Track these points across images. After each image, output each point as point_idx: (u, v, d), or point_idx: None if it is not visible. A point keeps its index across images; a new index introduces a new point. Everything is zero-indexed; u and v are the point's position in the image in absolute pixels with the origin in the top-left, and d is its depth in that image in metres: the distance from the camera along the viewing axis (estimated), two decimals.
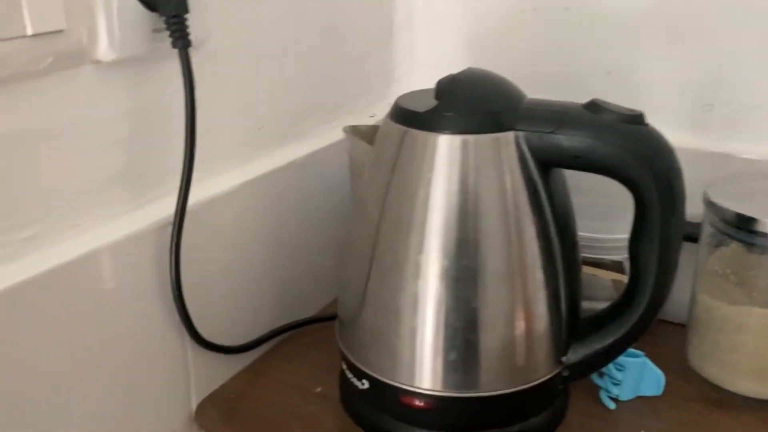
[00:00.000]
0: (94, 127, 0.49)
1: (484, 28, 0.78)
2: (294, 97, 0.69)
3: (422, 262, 0.51)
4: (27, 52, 0.43)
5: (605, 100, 0.51)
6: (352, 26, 0.76)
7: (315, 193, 0.71)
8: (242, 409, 0.60)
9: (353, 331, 0.56)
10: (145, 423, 0.56)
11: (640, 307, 0.53)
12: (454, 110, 0.51)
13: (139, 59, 0.51)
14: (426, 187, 0.51)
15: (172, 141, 0.54)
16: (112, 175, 0.51)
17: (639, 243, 0.52)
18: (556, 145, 0.50)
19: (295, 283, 0.71)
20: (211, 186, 0.60)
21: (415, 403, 0.54)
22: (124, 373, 0.53)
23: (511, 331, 0.52)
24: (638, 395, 0.61)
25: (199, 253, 0.58)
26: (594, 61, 0.73)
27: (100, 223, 0.51)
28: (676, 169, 0.50)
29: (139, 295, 0.53)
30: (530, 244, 0.52)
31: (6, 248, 0.45)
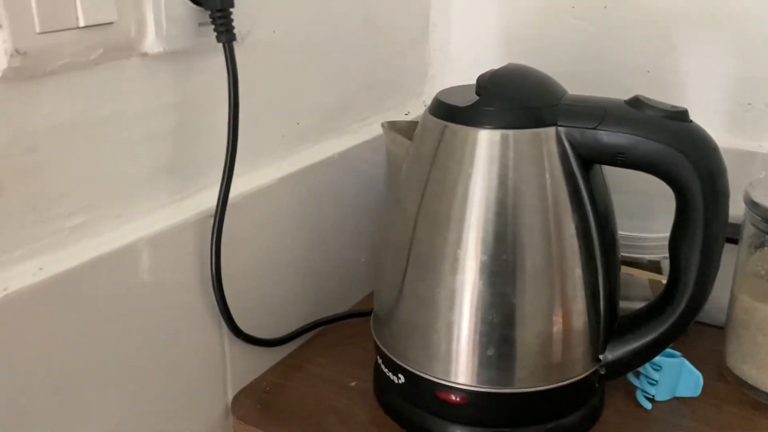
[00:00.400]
0: (140, 119, 0.50)
1: (519, 27, 0.78)
2: (331, 93, 0.69)
3: (460, 257, 0.51)
4: (79, 43, 0.44)
5: (648, 97, 0.51)
6: (390, 24, 0.76)
7: (351, 189, 0.71)
8: (277, 402, 0.61)
9: (389, 325, 0.57)
10: (182, 412, 0.57)
11: (679, 308, 0.53)
12: (495, 105, 0.51)
13: (185, 52, 0.51)
14: (465, 181, 0.51)
15: (215, 134, 0.55)
16: (156, 166, 0.52)
17: (680, 242, 0.52)
18: (597, 141, 0.50)
19: (331, 278, 0.71)
20: (251, 180, 0.60)
21: (450, 398, 0.54)
22: (163, 361, 0.54)
23: (549, 327, 0.52)
24: (675, 396, 0.61)
25: (238, 246, 0.59)
26: (632, 59, 0.73)
27: (144, 214, 0.52)
28: (720, 167, 0.50)
29: (179, 286, 0.54)
30: (570, 241, 0.52)
31: (55, 235, 0.46)
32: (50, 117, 0.44)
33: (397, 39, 0.78)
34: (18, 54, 0.40)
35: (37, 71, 0.42)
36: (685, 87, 0.71)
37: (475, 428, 0.55)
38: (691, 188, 0.49)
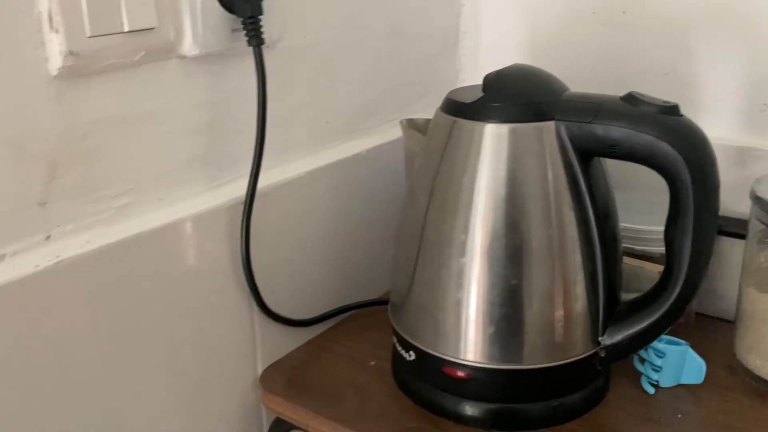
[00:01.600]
0: (178, 114, 0.56)
1: (544, 33, 0.82)
2: (361, 95, 0.75)
3: (466, 242, 0.56)
4: (123, 45, 0.50)
5: (642, 93, 0.54)
6: (420, 31, 0.81)
7: (378, 185, 0.76)
8: (302, 376, 0.66)
9: (402, 306, 0.61)
10: (215, 382, 0.63)
11: (674, 293, 0.56)
12: (499, 101, 0.56)
13: (219, 55, 0.58)
14: (472, 172, 0.56)
15: (247, 130, 0.61)
16: (193, 157, 0.59)
17: (673, 231, 0.54)
18: (593, 134, 0.54)
19: (359, 268, 0.76)
20: (281, 172, 0.66)
21: (456, 373, 0.58)
22: (198, 335, 0.60)
23: (549, 308, 0.56)
24: (680, 383, 0.63)
25: (270, 233, 0.65)
26: (651, 62, 0.75)
27: (181, 198, 0.58)
28: (710, 159, 0.52)
29: (213, 266, 0.60)
30: (569, 227, 0.55)
31: (103, 214, 0.53)
32: (99, 110, 0.51)
33: (428, 45, 0.83)
34: (71, 55, 0.47)
35: (87, 70, 0.49)
36: (702, 88, 0.73)
37: (481, 403, 0.59)
38: (682, 179, 0.52)
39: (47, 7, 0.46)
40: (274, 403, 0.64)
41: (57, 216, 0.50)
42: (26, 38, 0.46)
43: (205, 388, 0.62)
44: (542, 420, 0.59)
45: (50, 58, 0.47)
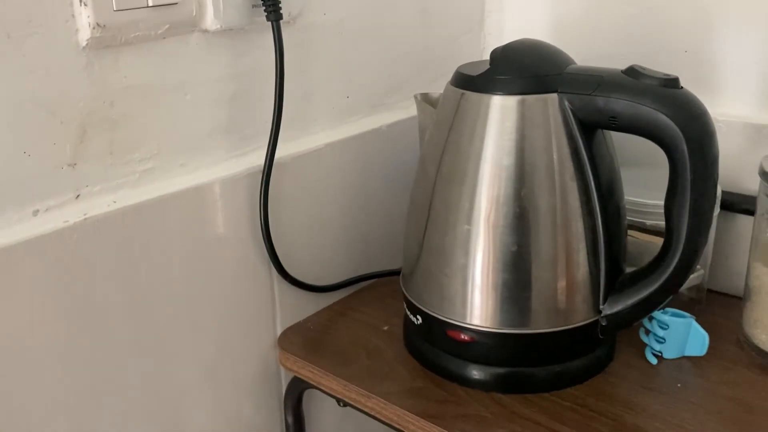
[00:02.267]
0: (201, 86, 0.60)
1: (568, 12, 0.83)
2: (384, 72, 0.77)
3: (471, 209, 0.58)
4: (148, 20, 0.54)
5: (645, 66, 0.55)
6: (446, 11, 0.83)
7: (397, 159, 0.79)
8: (318, 339, 0.70)
9: (411, 272, 0.64)
10: (236, 342, 0.67)
11: (672, 264, 0.57)
12: (504, 74, 0.57)
13: (240, 30, 0.61)
14: (478, 142, 0.58)
15: (268, 102, 0.64)
16: (215, 126, 0.62)
17: (672, 203, 0.56)
18: (594, 105, 0.55)
19: (378, 238, 0.79)
20: (301, 144, 0.69)
21: (460, 336, 0.60)
22: (220, 295, 0.64)
23: (550, 275, 0.58)
24: (684, 355, 0.64)
25: (290, 202, 0.68)
26: (671, 40, 0.76)
27: (204, 165, 0.62)
28: (708, 131, 0.53)
29: (233, 230, 0.64)
30: (570, 197, 0.57)
31: (130, 176, 0.57)
32: (126, 79, 0.55)
33: (454, 25, 0.85)
34: (99, 27, 0.51)
35: (114, 41, 0.53)
36: (721, 66, 0.73)
37: (484, 366, 0.61)
38: (680, 151, 0.53)
39: None
40: (289, 362, 0.67)
41: (86, 177, 0.54)
42: (58, 11, 0.50)
43: (228, 348, 0.66)
44: (543, 384, 0.61)
45: (80, 30, 0.51)
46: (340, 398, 0.64)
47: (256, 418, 0.71)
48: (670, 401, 0.59)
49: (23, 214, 0.51)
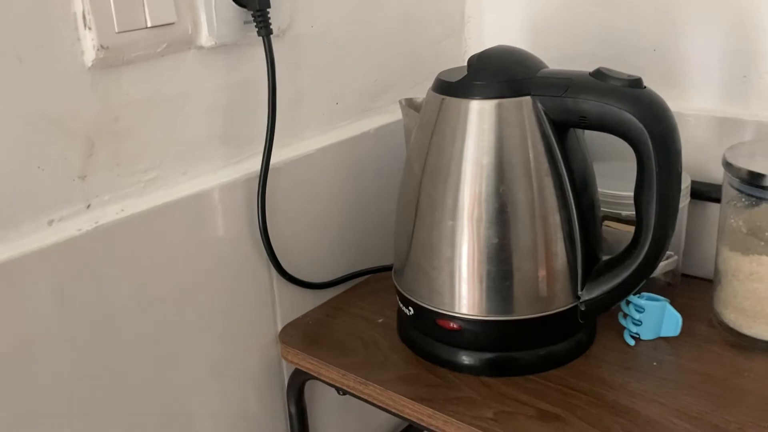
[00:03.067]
0: (199, 98, 0.64)
1: (543, 16, 0.87)
2: (370, 77, 0.82)
3: (455, 206, 0.62)
4: (148, 39, 0.58)
5: (610, 68, 0.60)
6: (428, 16, 0.88)
7: (386, 161, 0.83)
8: (317, 333, 0.74)
9: (402, 266, 0.68)
10: (240, 338, 0.71)
11: (643, 251, 0.61)
12: (481, 80, 0.62)
13: (233, 45, 0.65)
14: (459, 143, 0.62)
15: (260, 111, 0.68)
16: (212, 135, 0.66)
17: (641, 192, 0.60)
18: (564, 106, 0.59)
19: (369, 236, 0.83)
20: (294, 149, 0.74)
21: (449, 325, 0.65)
22: (223, 295, 0.68)
23: (530, 265, 0.62)
24: (660, 336, 0.69)
25: (285, 204, 0.72)
26: (640, 40, 0.80)
27: (203, 173, 0.66)
28: (671, 126, 0.58)
29: (234, 233, 0.68)
30: (546, 192, 0.61)
31: (136, 186, 0.61)
32: (128, 95, 0.59)
33: (436, 30, 0.89)
34: (102, 48, 0.55)
35: (117, 61, 0.57)
36: (687, 62, 0.78)
37: (473, 352, 0.65)
38: (646, 146, 0.58)
39: (81, 8, 0.54)
40: (290, 355, 0.72)
41: (95, 187, 0.58)
42: (64, 35, 0.54)
43: (232, 344, 0.70)
44: (529, 367, 0.65)
45: (85, 51, 0.55)
46: (339, 387, 0.69)
47: (260, 410, 0.75)
48: (647, 379, 0.63)
49: (39, 224, 0.55)
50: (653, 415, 0.59)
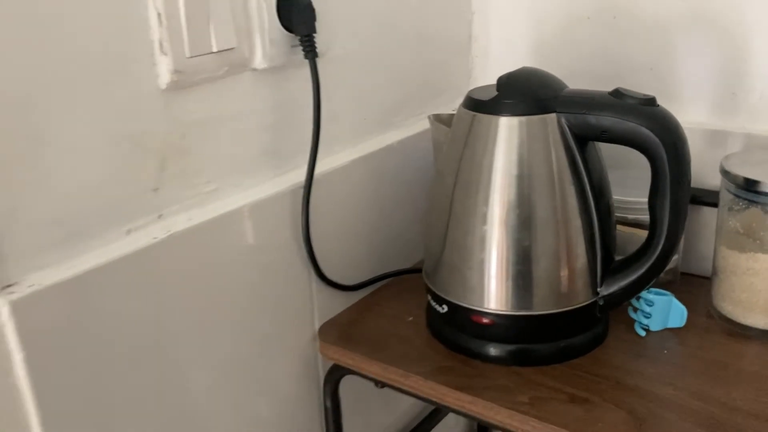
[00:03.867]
0: (251, 115, 0.70)
1: (545, 36, 0.95)
2: (391, 94, 0.88)
3: (487, 212, 0.69)
4: (212, 63, 0.64)
5: (627, 88, 0.67)
6: (438, 37, 0.94)
7: (407, 171, 0.89)
8: (352, 330, 0.80)
9: (435, 268, 0.74)
10: (282, 336, 0.77)
11: (657, 249, 0.68)
12: (511, 98, 0.68)
13: (282, 67, 0.71)
14: (490, 156, 0.69)
15: (302, 127, 0.74)
16: (262, 150, 0.72)
17: (655, 200, 0.67)
18: (587, 122, 0.67)
19: (392, 242, 0.89)
20: (329, 162, 0.79)
21: (482, 320, 0.71)
22: (268, 295, 0.74)
23: (555, 264, 0.69)
24: (667, 327, 0.76)
25: (320, 213, 0.78)
26: (638, 59, 0.88)
27: (255, 184, 0.72)
28: (682, 139, 0.65)
29: (279, 239, 0.74)
30: (570, 199, 0.68)
31: (198, 197, 0.66)
32: (194, 114, 0.64)
33: (445, 49, 0.96)
34: (176, 72, 0.61)
35: (186, 83, 0.62)
36: (682, 80, 0.86)
37: (502, 344, 0.72)
38: (660, 156, 0.65)
39: (158, 36, 0.59)
40: (330, 351, 0.77)
41: (167, 199, 0.63)
42: (144, 61, 0.59)
43: (273, 341, 0.76)
44: (552, 357, 0.72)
45: (160, 75, 0.60)
46: (378, 380, 0.74)
47: (297, 403, 0.81)
48: (660, 365, 0.71)
49: (118, 233, 0.60)
50: (669, 396, 0.66)
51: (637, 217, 0.81)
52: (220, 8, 0.62)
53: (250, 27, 0.67)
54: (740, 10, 0.81)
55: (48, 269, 0.56)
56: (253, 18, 0.66)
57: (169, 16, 0.59)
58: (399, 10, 0.86)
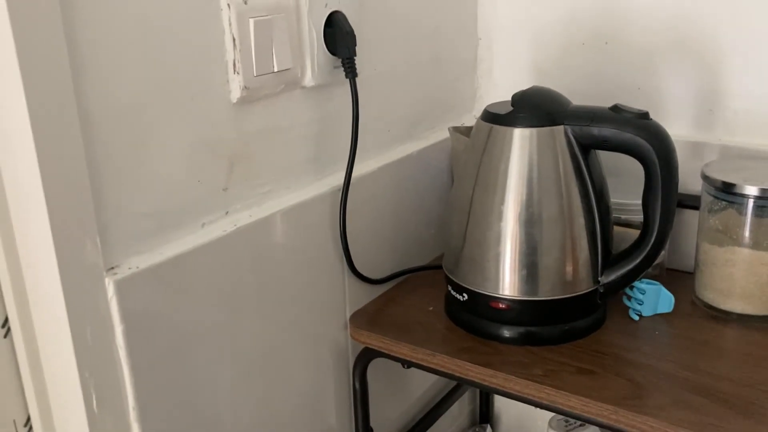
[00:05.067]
0: (300, 127, 0.80)
1: (544, 59, 1.07)
2: (411, 109, 0.99)
3: (503, 211, 0.79)
4: (273, 81, 0.74)
5: (624, 104, 0.78)
6: (449, 60, 1.06)
7: (424, 178, 1.00)
8: (379, 319, 0.90)
9: (456, 261, 0.85)
10: (317, 324, 0.86)
11: (649, 242, 0.80)
12: (524, 112, 0.80)
13: (326, 85, 0.81)
14: (506, 162, 0.79)
15: (340, 137, 0.84)
16: (308, 157, 0.82)
17: (648, 199, 0.79)
18: (590, 133, 0.78)
19: (412, 241, 1.00)
20: (359, 169, 0.89)
21: (499, 305, 0.82)
22: (307, 286, 0.83)
23: (562, 256, 0.80)
24: (657, 312, 0.87)
25: (352, 214, 0.88)
26: (627, 80, 1.00)
27: (300, 186, 0.82)
28: (671, 148, 0.77)
29: (319, 235, 0.83)
30: (575, 200, 0.79)
31: (256, 197, 0.76)
32: (255, 125, 0.74)
33: (455, 70, 1.08)
34: (246, 88, 0.71)
35: (252, 98, 0.72)
36: (665, 98, 0.98)
37: (516, 327, 0.82)
38: (653, 162, 0.77)
39: (232, 57, 0.69)
40: (362, 336, 0.87)
41: (232, 198, 0.73)
42: (220, 78, 0.69)
43: (311, 328, 0.85)
44: (559, 338, 0.82)
45: (232, 90, 0.71)
46: (406, 360, 0.84)
47: (329, 386, 0.90)
48: (653, 343, 0.82)
49: (195, 226, 0.70)
50: (663, 368, 0.77)
51: (629, 217, 0.93)
52: (281, 34, 0.73)
53: (302, 50, 0.77)
54: (716, 39, 0.93)
55: (143, 255, 0.65)
56: (305, 42, 0.77)
57: (242, 41, 0.69)
58: (418, 37, 0.97)
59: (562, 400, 0.74)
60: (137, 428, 0.66)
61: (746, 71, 0.92)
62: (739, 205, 0.83)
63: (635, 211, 0.92)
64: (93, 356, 0.62)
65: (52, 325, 0.61)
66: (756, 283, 0.83)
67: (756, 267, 0.83)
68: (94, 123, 0.59)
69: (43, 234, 0.58)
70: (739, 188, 0.82)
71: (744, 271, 0.84)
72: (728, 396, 0.72)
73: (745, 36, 0.92)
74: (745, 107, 0.93)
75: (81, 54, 0.58)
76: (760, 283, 0.83)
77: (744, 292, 0.85)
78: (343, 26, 0.80)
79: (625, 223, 0.93)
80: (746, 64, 0.92)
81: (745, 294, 0.85)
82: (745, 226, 0.83)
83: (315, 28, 0.77)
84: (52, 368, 0.64)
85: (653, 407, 0.71)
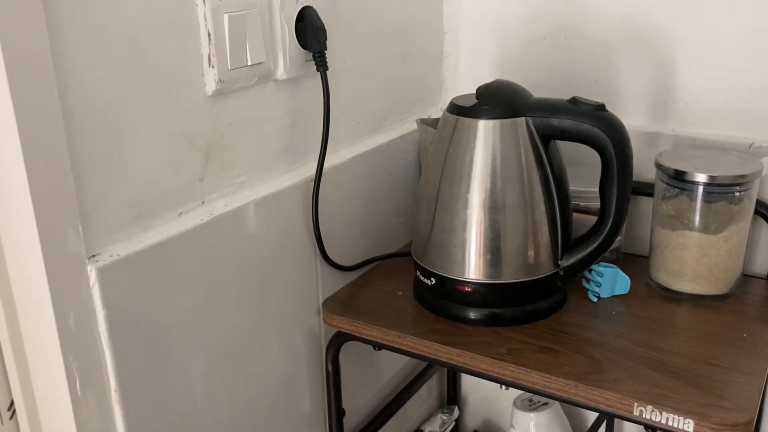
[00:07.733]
0: (273, 119, 0.83)
1: (507, 53, 1.11)
2: (380, 102, 1.02)
3: (469, 199, 0.83)
4: (246, 74, 0.77)
5: (582, 97, 0.83)
6: (416, 54, 1.09)
7: (394, 169, 1.03)
8: (351, 304, 0.93)
9: (424, 247, 0.88)
10: (291, 310, 0.89)
11: (606, 228, 0.84)
12: (488, 105, 0.83)
13: (298, 78, 0.84)
14: (471, 152, 0.83)
15: (312, 129, 0.87)
16: (281, 148, 0.85)
17: (605, 186, 0.83)
18: (550, 124, 0.82)
19: (382, 229, 1.03)
20: (330, 159, 0.93)
21: (465, 289, 0.86)
22: (281, 272, 0.86)
23: (524, 241, 0.84)
24: (614, 294, 0.92)
25: (325, 203, 0.91)
26: (586, 73, 1.05)
27: (274, 177, 0.85)
28: (626, 138, 0.81)
29: (293, 225, 0.86)
30: (536, 187, 0.84)
31: (231, 187, 0.79)
32: (230, 117, 0.77)
33: (422, 64, 1.11)
34: (220, 81, 0.73)
35: (226, 91, 0.75)
36: (622, 91, 1.03)
37: (481, 309, 0.86)
38: (609, 151, 0.81)
39: (207, 51, 0.72)
40: (335, 320, 0.90)
41: (208, 188, 0.76)
42: (195, 72, 0.72)
43: (284, 313, 0.89)
44: (522, 318, 0.87)
45: (207, 84, 0.73)
46: (377, 342, 0.88)
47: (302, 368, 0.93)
48: (610, 323, 0.87)
49: (173, 215, 0.73)
50: (619, 345, 0.82)
51: (588, 204, 0.97)
52: (254, 28, 0.76)
53: (275, 45, 0.80)
54: (669, 36, 0.98)
55: (123, 243, 0.68)
56: (277, 37, 0.80)
57: (217, 36, 0.72)
58: (387, 31, 1.00)
59: (525, 376, 0.78)
60: (119, 409, 0.69)
61: (698, 66, 0.98)
62: (690, 191, 0.88)
63: (593, 198, 0.96)
64: (76, 341, 0.64)
65: (36, 311, 0.64)
66: (705, 264, 0.89)
67: (705, 249, 0.88)
68: (75, 116, 0.62)
69: (28, 223, 0.60)
70: (690, 176, 0.87)
71: (694, 254, 0.89)
72: (679, 369, 0.77)
73: (697, 32, 0.97)
74: (696, 99, 0.99)
75: (62, 50, 0.60)
76: (709, 264, 0.89)
77: (694, 274, 0.90)
78: (314, 21, 0.83)
79: (583, 209, 0.98)
80: (697, 58, 0.97)
81: (696, 275, 0.90)
82: (696, 211, 0.88)
83: (287, 22, 0.80)
84: (36, 353, 0.66)
85: (611, 381, 0.75)
